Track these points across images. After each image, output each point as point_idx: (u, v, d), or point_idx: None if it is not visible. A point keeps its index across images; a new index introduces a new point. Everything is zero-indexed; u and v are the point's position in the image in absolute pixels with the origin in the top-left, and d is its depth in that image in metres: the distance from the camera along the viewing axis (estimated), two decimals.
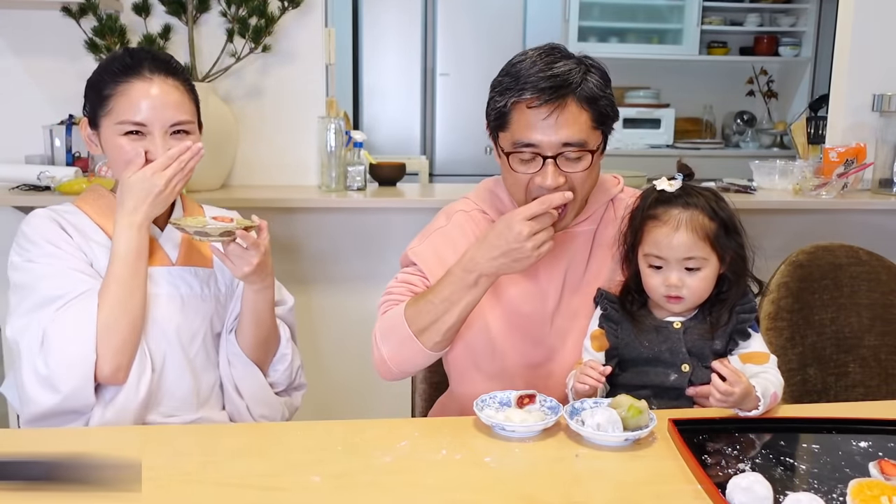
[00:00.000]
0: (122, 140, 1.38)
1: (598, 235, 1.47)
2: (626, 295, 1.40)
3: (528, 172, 1.36)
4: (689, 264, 1.32)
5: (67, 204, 1.47)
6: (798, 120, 3.30)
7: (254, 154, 2.51)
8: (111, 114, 1.38)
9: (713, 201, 1.34)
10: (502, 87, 1.36)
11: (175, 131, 1.40)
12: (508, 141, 1.36)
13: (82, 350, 1.30)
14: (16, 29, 2.37)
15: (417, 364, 1.42)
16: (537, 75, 1.31)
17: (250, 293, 1.43)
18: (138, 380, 1.35)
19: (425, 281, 1.44)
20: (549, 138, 1.32)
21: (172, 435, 1.25)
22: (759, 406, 1.21)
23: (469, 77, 4.46)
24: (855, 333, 1.79)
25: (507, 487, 1.03)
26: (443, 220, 1.51)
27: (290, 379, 1.57)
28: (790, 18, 5.07)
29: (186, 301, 1.45)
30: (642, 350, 1.35)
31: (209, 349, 1.48)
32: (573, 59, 1.35)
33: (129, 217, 1.35)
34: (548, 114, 1.31)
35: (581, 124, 1.32)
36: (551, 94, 1.30)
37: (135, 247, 1.35)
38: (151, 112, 1.37)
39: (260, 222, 1.38)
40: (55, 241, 1.38)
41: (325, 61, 2.51)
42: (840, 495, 1.00)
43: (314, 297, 2.52)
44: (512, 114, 1.34)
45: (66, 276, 1.35)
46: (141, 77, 1.38)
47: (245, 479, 1.05)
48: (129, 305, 1.34)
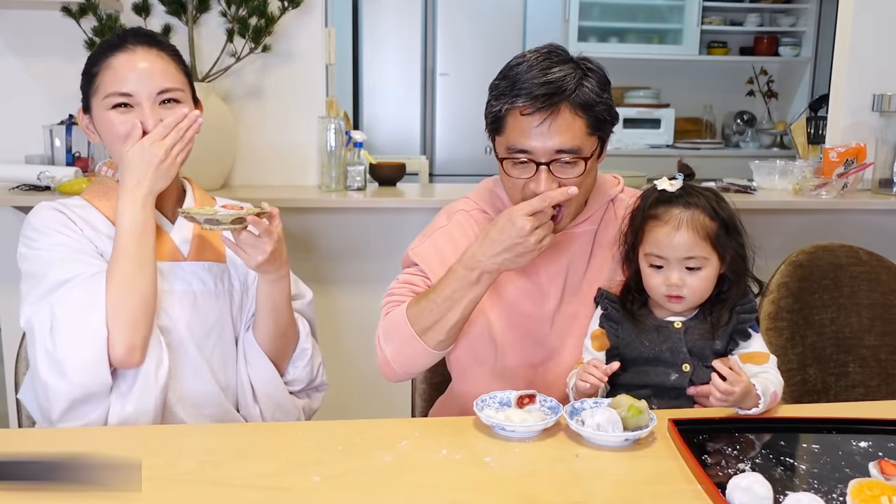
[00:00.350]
0: (112, 114, 1.35)
1: (599, 236, 1.47)
2: (627, 295, 1.40)
3: (522, 178, 1.36)
4: (690, 264, 1.32)
5: (76, 198, 1.45)
6: (798, 120, 3.30)
7: (254, 154, 2.51)
8: (98, 90, 1.36)
9: (714, 201, 1.34)
10: (498, 92, 1.35)
11: (165, 100, 1.37)
12: (503, 145, 1.36)
13: (92, 326, 1.27)
14: (16, 29, 2.37)
15: (420, 364, 1.42)
16: (531, 81, 1.30)
17: (265, 284, 1.40)
18: (157, 366, 1.32)
19: (427, 281, 1.44)
20: (542, 145, 1.31)
21: (172, 435, 1.25)
22: (760, 404, 1.21)
23: (469, 77, 4.46)
24: (855, 333, 1.79)
25: (507, 487, 1.03)
26: (444, 220, 1.51)
27: (310, 376, 1.52)
28: (790, 18, 5.07)
29: (199, 297, 1.41)
30: (643, 350, 1.35)
31: (226, 348, 1.45)
32: (570, 64, 1.34)
33: (132, 192, 1.32)
34: (541, 121, 1.30)
35: (575, 131, 1.31)
36: (544, 101, 1.29)
37: (140, 221, 1.31)
38: (137, 81, 1.34)
39: (271, 209, 1.35)
40: (62, 229, 1.35)
41: (325, 61, 2.51)
42: (840, 495, 0.99)
43: (314, 297, 2.52)
44: (506, 119, 1.34)
45: (75, 261, 1.32)
46: (124, 49, 1.36)
47: (245, 479, 1.05)
48: (139, 280, 1.30)
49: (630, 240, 1.39)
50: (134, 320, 1.29)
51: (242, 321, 1.48)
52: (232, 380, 1.46)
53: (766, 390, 1.22)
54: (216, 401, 1.42)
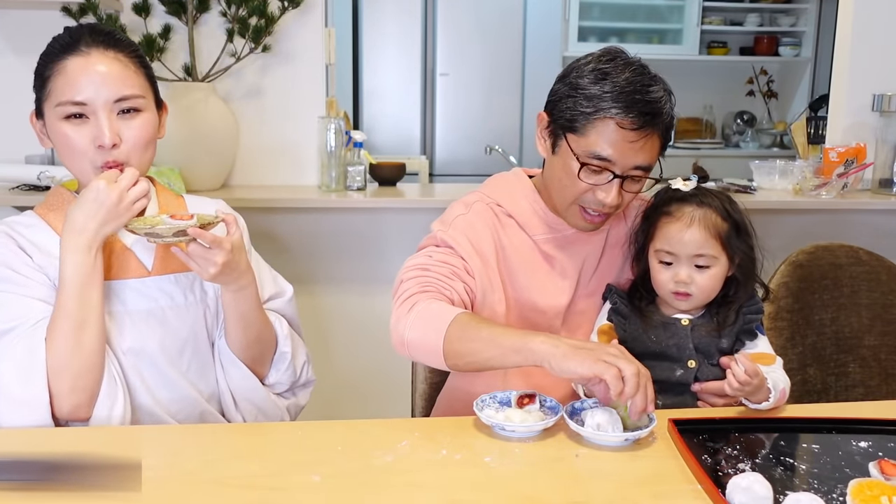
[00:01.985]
0: (66, 127, 1.25)
1: (611, 235, 1.49)
2: (635, 292, 1.42)
3: (592, 184, 1.34)
4: (699, 262, 1.33)
5: (28, 213, 1.34)
6: (798, 120, 3.30)
7: (254, 154, 2.51)
8: (50, 97, 1.26)
9: (727, 202, 1.36)
10: (589, 94, 1.31)
11: (123, 110, 1.26)
12: (583, 148, 1.32)
13: (34, 392, 1.19)
14: (16, 29, 2.37)
15: (429, 363, 1.35)
16: (633, 97, 1.28)
17: (228, 294, 1.31)
18: (109, 411, 1.24)
19: (465, 263, 1.38)
20: (627, 161, 1.31)
21: (172, 435, 1.24)
22: (770, 398, 1.23)
23: (469, 77, 4.46)
24: (855, 333, 1.79)
25: (507, 487, 1.03)
26: (462, 209, 1.46)
27: (293, 378, 1.45)
28: (790, 18, 5.07)
29: (168, 313, 1.32)
30: (649, 344, 1.37)
31: (203, 358, 1.37)
32: (660, 84, 1.34)
33: (75, 237, 1.21)
34: (636, 139, 1.30)
35: (656, 150, 1.34)
36: (646, 121, 1.29)
37: (84, 272, 1.21)
38: (90, 88, 1.23)
39: (225, 216, 1.25)
40: (12, 264, 1.26)
41: (325, 61, 2.51)
42: (840, 495, 1.00)
43: (313, 296, 2.52)
44: (596, 124, 1.30)
45: (21, 306, 1.23)
46: (77, 52, 1.25)
47: (245, 479, 1.05)
48: (82, 340, 1.21)
49: (641, 238, 1.41)
50: (75, 383, 1.21)
51: (218, 328, 1.40)
52: (214, 387, 1.40)
53: (776, 385, 1.24)
54: (198, 406, 1.36)
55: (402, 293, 1.33)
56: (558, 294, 1.45)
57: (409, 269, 1.37)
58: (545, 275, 1.45)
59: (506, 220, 1.45)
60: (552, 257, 1.44)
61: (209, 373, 1.39)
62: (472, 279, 1.38)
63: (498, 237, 1.43)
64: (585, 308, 1.46)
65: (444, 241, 1.40)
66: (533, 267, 1.44)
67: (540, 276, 1.44)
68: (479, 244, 1.40)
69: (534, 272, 1.44)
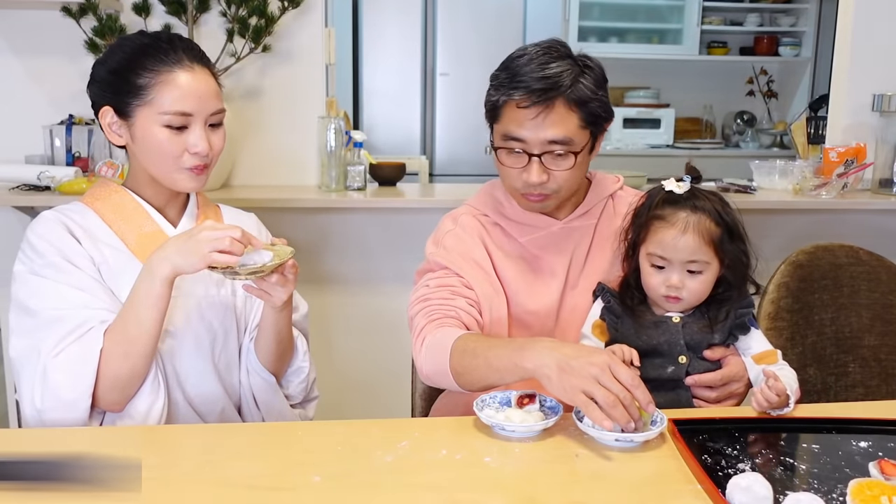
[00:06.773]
0: (164, 133, 1.33)
1: (598, 230, 1.50)
2: (626, 291, 1.42)
3: (515, 167, 1.40)
4: (692, 267, 1.33)
5: (75, 202, 1.42)
6: (798, 120, 3.29)
7: (254, 154, 2.51)
8: (152, 104, 1.32)
9: (720, 206, 1.35)
10: (498, 82, 1.40)
11: (212, 123, 1.38)
12: (499, 134, 1.41)
13: (81, 398, 1.26)
14: (16, 29, 2.37)
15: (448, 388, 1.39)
16: (530, 75, 1.35)
17: (273, 313, 1.40)
18: (148, 410, 1.32)
19: (462, 280, 1.44)
20: (535, 136, 1.36)
21: (172, 435, 1.25)
22: (790, 404, 1.25)
23: (469, 77, 4.45)
24: (855, 333, 1.79)
25: (507, 487, 1.03)
26: (450, 224, 1.53)
27: (305, 392, 1.56)
28: (790, 18, 5.07)
29: (203, 303, 1.41)
30: (640, 343, 1.36)
31: (230, 353, 1.46)
32: (568, 60, 1.37)
33: (158, 266, 1.25)
34: (535, 114, 1.35)
35: (568, 124, 1.36)
36: (540, 95, 1.34)
37: (156, 295, 1.26)
38: (197, 102, 1.33)
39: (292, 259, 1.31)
40: (62, 249, 1.32)
41: (325, 61, 2.51)
42: (840, 495, 1.00)
43: (313, 297, 2.51)
44: (503, 109, 1.39)
45: (68, 298, 1.29)
46: (184, 67, 1.33)
47: (245, 479, 1.05)
48: (138, 347, 1.27)
49: (632, 237, 1.40)
50: (122, 391, 1.29)
51: (245, 330, 1.49)
52: (236, 383, 1.48)
53: (792, 390, 1.26)
54: (221, 402, 1.44)
55: (414, 329, 1.41)
56: (548, 294, 1.47)
57: (413, 304, 1.45)
58: (535, 277, 1.48)
59: (492, 229, 1.51)
60: (539, 257, 1.48)
61: (234, 371, 1.47)
62: (473, 291, 1.43)
63: (487, 246, 1.49)
64: (576, 305, 1.47)
65: (439, 264, 1.47)
66: (522, 271, 1.47)
67: (529, 280, 1.47)
68: (472, 255, 1.46)
69: (523, 276, 1.47)
